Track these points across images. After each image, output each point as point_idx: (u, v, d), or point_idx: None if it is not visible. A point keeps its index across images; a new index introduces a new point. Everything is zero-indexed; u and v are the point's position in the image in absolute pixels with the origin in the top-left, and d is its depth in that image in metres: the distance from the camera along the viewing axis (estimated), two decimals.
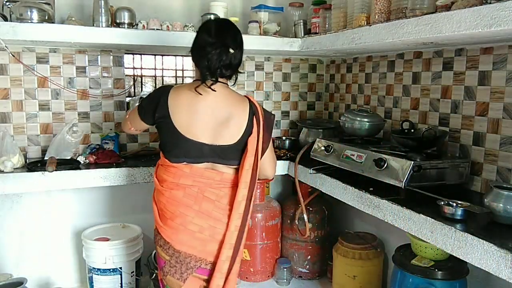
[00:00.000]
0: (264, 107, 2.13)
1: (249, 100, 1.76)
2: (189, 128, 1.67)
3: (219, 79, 1.68)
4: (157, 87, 2.84)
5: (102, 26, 2.38)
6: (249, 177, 1.70)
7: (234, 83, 1.78)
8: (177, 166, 1.70)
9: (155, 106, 1.71)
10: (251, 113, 1.72)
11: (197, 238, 1.69)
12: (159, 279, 1.85)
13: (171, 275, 1.72)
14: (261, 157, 1.76)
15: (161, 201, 1.73)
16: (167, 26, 2.54)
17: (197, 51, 1.69)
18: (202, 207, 1.69)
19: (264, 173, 1.89)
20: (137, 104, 1.94)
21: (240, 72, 1.78)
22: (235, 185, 1.73)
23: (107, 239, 2.56)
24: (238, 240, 1.71)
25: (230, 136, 1.70)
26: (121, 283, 2.55)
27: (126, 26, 2.46)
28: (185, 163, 1.70)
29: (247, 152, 1.70)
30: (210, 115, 1.68)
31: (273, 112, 2.37)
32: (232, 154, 1.72)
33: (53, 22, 2.32)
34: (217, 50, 1.62)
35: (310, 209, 2.92)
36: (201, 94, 1.67)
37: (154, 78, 3.19)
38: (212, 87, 1.66)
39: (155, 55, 3.07)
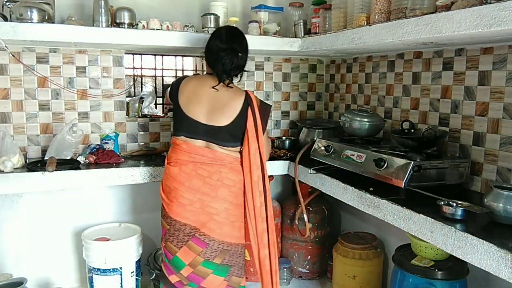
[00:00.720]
0: None
1: (247, 92, 2.01)
2: (189, 108, 1.98)
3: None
4: (160, 85, 2.98)
5: (102, 26, 2.38)
6: (258, 158, 1.99)
7: (240, 79, 2.10)
8: (178, 143, 2.00)
9: (175, 91, 2.06)
10: (245, 103, 1.98)
11: (188, 210, 1.95)
12: (162, 246, 2.07)
13: (170, 242, 1.99)
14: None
15: (164, 176, 2.06)
16: (167, 26, 2.54)
17: (212, 56, 2.01)
18: (192, 183, 1.95)
19: (266, 153, 2.10)
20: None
21: (246, 71, 2.10)
22: (228, 164, 1.98)
23: (107, 239, 2.56)
24: (267, 213, 2.01)
25: (222, 119, 1.96)
26: (121, 283, 2.55)
27: (126, 26, 2.46)
28: (183, 137, 1.99)
29: (248, 138, 1.97)
30: (209, 101, 1.98)
31: (272, 111, 2.70)
32: (223, 136, 1.97)
33: (53, 22, 2.32)
34: (229, 55, 1.95)
35: (310, 209, 2.92)
36: (217, 90, 1.98)
37: (154, 78, 3.19)
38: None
39: (155, 55, 3.07)
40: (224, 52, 1.95)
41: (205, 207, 1.95)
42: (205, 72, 2.22)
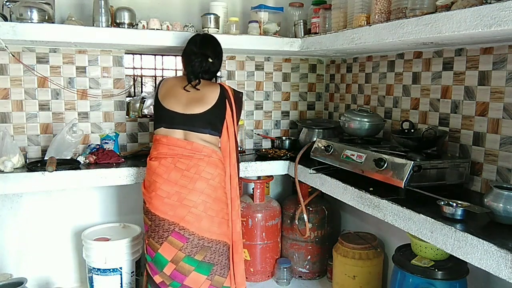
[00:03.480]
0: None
1: (221, 84, 2.19)
2: (167, 101, 2.12)
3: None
4: None
5: (102, 26, 2.38)
6: (234, 142, 2.18)
7: (216, 81, 2.27)
8: (158, 138, 2.11)
9: (155, 90, 2.25)
10: (221, 94, 2.14)
11: (166, 203, 2.01)
12: (145, 244, 2.14)
13: (152, 238, 2.06)
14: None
15: (146, 172, 2.15)
16: (167, 26, 2.54)
17: (185, 58, 2.20)
18: (170, 176, 2.02)
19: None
20: None
21: (218, 77, 2.30)
22: (206, 156, 2.06)
23: (107, 239, 2.56)
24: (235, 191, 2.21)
25: (199, 108, 2.09)
26: (121, 283, 2.55)
27: (126, 26, 2.46)
28: (162, 129, 2.10)
29: (227, 123, 2.15)
30: (186, 95, 2.12)
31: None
32: (201, 123, 2.08)
33: (53, 22, 2.32)
34: (199, 58, 2.13)
35: (310, 209, 2.92)
36: (188, 91, 2.12)
37: (154, 78, 3.19)
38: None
39: (155, 55, 3.07)
40: (195, 55, 2.13)
41: (183, 200, 2.00)
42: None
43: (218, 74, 2.28)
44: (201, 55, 2.13)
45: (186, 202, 2.00)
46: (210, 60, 2.15)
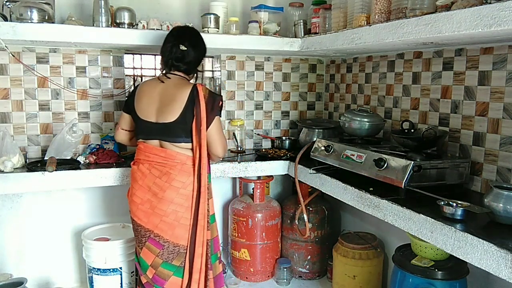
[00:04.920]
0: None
1: (195, 85, 2.01)
2: (142, 109, 2.05)
3: (178, 73, 2.07)
4: None
5: (102, 26, 2.38)
6: (198, 151, 1.98)
7: (196, 80, 2.13)
8: (138, 144, 2.10)
9: (131, 98, 2.13)
10: (191, 95, 1.97)
11: (140, 209, 2.01)
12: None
13: (136, 241, 2.10)
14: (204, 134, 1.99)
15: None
16: (167, 26, 2.54)
17: (161, 48, 2.10)
18: (144, 182, 2.01)
19: (212, 151, 2.07)
20: None
21: (199, 71, 2.18)
22: (179, 164, 1.99)
23: (107, 239, 2.56)
24: (199, 200, 2.00)
25: (170, 115, 1.97)
26: (121, 283, 2.55)
27: (126, 26, 2.47)
28: (140, 140, 2.08)
29: (194, 127, 1.98)
30: (159, 98, 2.02)
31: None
32: (174, 132, 1.99)
33: (53, 22, 2.32)
34: (170, 44, 2.04)
35: (310, 209, 2.92)
36: (163, 82, 2.05)
37: None
38: (171, 78, 2.05)
39: (155, 55, 3.07)
40: (169, 43, 2.05)
41: (154, 208, 1.99)
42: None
43: (202, 70, 2.13)
44: (173, 42, 2.04)
45: (157, 210, 1.98)
46: (183, 48, 2.03)
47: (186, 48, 2.03)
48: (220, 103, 2.05)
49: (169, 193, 1.97)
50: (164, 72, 2.09)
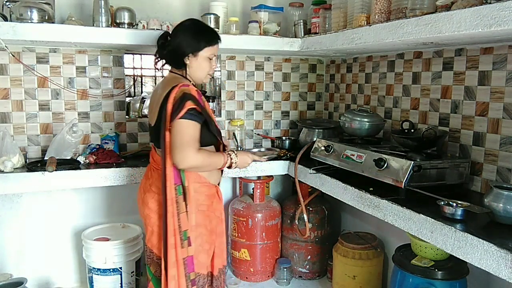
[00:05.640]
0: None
1: (175, 86, 1.78)
2: (148, 111, 2.03)
3: (174, 71, 1.96)
4: None
5: (102, 26, 2.38)
6: (163, 160, 1.79)
7: (186, 72, 1.91)
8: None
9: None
10: (165, 97, 1.78)
11: (139, 207, 2.04)
12: None
13: None
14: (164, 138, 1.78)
15: None
16: (167, 26, 2.54)
17: None
18: (143, 181, 2.05)
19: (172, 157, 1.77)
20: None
21: (185, 62, 1.90)
22: (160, 169, 1.85)
23: (107, 239, 2.56)
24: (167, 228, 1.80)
25: (152, 119, 1.92)
26: (121, 283, 2.55)
27: (126, 26, 2.46)
28: (151, 143, 2.05)
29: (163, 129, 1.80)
30: (155, 99, 1.93)
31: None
32: (156, 136, 1.88)
33: (53, 22, 2.32)
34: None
35: (310, 209, 2.92)
36: (158, 69, 2.04)
37: (154, 78, 3.19)
38: (166, 76, 2.00)
39: (155, 55, 3.07)
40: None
41: (139, 208, 2.04)
42: None
43: (187, 62, 1.90)
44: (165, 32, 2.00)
45: (140, 211, 2.03)
46: (166, 35, 1.95)
47: (168, 35, 1.95)
48: (190, 106, 1.72)
49: (147, 197, 1.94)
50: (155, 61, 2.03)
